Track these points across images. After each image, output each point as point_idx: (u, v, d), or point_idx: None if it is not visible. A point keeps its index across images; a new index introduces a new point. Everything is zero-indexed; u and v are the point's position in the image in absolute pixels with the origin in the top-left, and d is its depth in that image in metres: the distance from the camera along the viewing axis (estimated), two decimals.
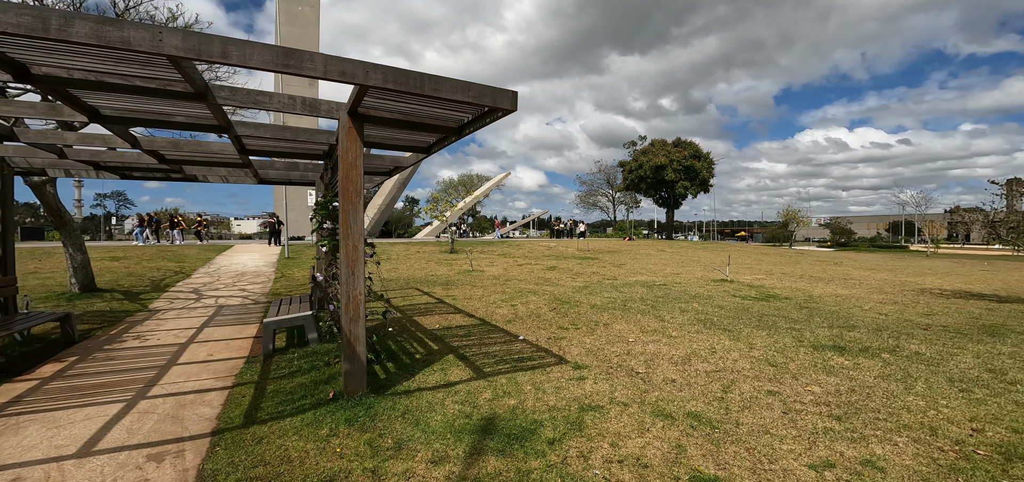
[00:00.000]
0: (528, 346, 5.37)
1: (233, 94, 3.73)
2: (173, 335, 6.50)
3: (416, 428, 3.33)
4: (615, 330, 6.12)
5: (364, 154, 6.45)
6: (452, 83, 3.11)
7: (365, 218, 40.16)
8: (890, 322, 6.96)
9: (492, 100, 3.24)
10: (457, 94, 3.12)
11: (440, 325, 6.51)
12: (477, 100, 3.20)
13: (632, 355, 4.95)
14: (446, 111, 3.84)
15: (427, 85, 3.03)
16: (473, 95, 3.17)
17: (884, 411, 3.52)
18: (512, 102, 3.29)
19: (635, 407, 3.60)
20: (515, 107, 3.30)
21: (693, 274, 13.31)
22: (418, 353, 5.18)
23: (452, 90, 3.11)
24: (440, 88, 3.08)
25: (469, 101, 3.18)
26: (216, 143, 5.75)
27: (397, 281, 11.38)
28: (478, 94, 3.19)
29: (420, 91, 3.01)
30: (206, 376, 4.80)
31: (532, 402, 3.74)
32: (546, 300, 8.47)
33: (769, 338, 5.71)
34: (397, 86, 2.98)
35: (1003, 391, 3.95)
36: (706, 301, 8.57)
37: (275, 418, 3.66)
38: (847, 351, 5.14)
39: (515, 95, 3.29)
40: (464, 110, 3.69)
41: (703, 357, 4.86)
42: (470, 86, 3.16)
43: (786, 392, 3.89)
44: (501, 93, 3.27)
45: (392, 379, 4.37)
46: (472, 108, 3.57)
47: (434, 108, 3.79)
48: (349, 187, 3.82)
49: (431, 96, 3.06)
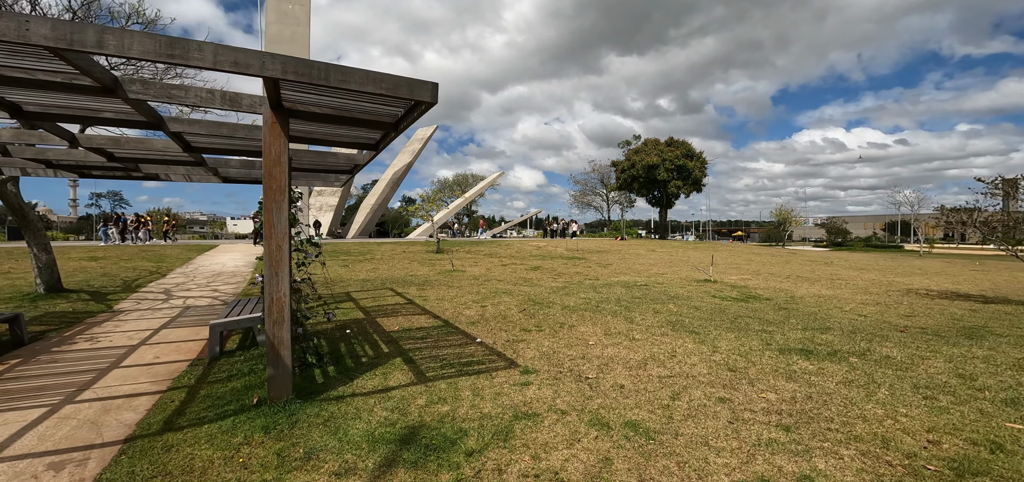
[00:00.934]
0: (482, 349, 5.14)
1: (145, 88, 3.51)
2: (127, 337, 6.28)
3: (333, 437, 3.12)
4: (578, 332, 5.90)
5: (317, 152, 6.25)
6: (361, 74, 2.90)
7: (357, 218, 40.01)
8: (867, 324, 6.74)
9: (409, 92, 3.02)
10: (367, 86, 2.90)
11: (400, 327, 6.29)
12: (391, 92, 2.98)
13: (587, 359, 4.72)
14: (374, 105, 3.62)
15: (333, 76, 2.82)
16: (386, 87, 2.95)
17: (838, 420, 3.30)
18: (432, 94, 3.07)
19: (573, 415, 3.38)
20: (435, 100, 3.08)
21: (678, 274, 13.09)
22: (366, 356, 4.96)
23: (362, 82, 2.89)
24: (347, 80, 2.86)
25: (382, 93, 2.96)
26: (160, 140, 5.53)
27: (374, 281, 11.16)
28: (392, 86, 2.97)
29: (325, 82, 2.80)
30: (144, 380, 4.59)
31: (466, 409, 3.52)
32: (519, 301, 8.25)
33: (736, 341, 5.48)
34: (299, 77, 2.76)
35: (969, 398, 3.73)
36: (683, 302, 8.35)
37: (195, 425, 3.45)
38: (814, 355, 4.91)
39: (434, 87, 3.07)
40: (387, 103, 3.47)
41: (661, 361, 4.63)
42: (383, 77, 2.94)
43: (738, 399, 3.66)
44: (419, 85, 3.05)
45: (330, 383, 4.16)
46: (392, 101, 3.34)
47: (361, 102, 3.58)
48: (272, 184, 3.61)
49: (338, 87, 2.84)
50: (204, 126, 4.57)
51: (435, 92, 3.07)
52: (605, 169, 42.91)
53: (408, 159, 42.50)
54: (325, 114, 3.90)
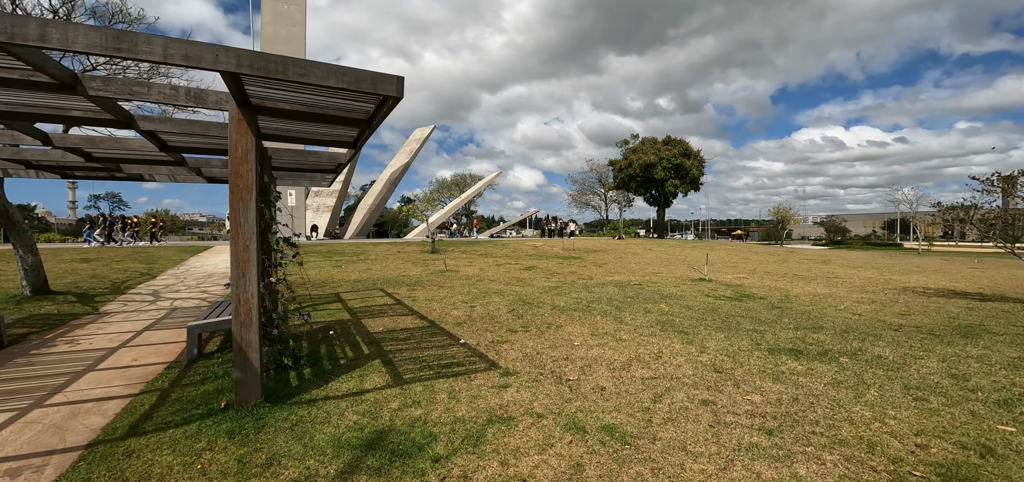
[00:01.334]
0: (465, 350, 5.03)
1: (106, 84, 3.41)
2: (108, 339, 6.18)
3: (298, 442, 3.01)
4: (565, 333, 5.78)
5: (298, 150, 6.13)
6: (323, 68, 2.78)
7: (355, 218, 39.91)
8: (861, 323, 6.62)
9: (373, 86, 2.91)
10: (329, 80, 2.79)
11: (385, 328, 6.17)
12: (354, 86, 2.87)
13: (570, 360, 4.61)
14: (344, 101, 3.51)
15: (291, 70, 2.70)
16: (349, 81, 2.84)
17: (824, 423, 3.18)
18: (397, 88, 2.95)
19: (549, 419, 3.26)
20: (400, 94, 2.97)
21: (673, 273, 12.97)
22: (346, 358, 4.85)
23: (323, 76, 2.77)
24: (307, 74, 2.75)
25: (345, 87, 2.84)
26: (137, 140, 5.42)
27: (365, 282, 11.05)
28: (355, 80, 2.85)
29: (283, 76, 2.68)
30: (118, 383, 4.48)
31: (439, 412, 3.40)
32: (509, 301, 8.13)
33: (726, 341, 5.37)
34: (256, 71, 2.65)
35: (961, 399, 3.61)
36: (676, 301, 8.23)
37: (161, 429, 3.35)
38: (804, 355, 4.79)
39: (400, 81, 2.96)
40: (355, 99, 3.36)
41: (646, 362, 4.52)
42: (345, 72, 2.83)
43: (722, 402, 3.54)
44: (384, 79, 2.93)
45: (304, 386, 4.05)
46: (359, 96, 3.23)
47: (330, 98, 3.47)
48: (239, 183, 3.49)
49: (299, 82, 2.73)
50: (176, 124, 4.46)
51: (400, 86, 2.96)
52: (603, 169, 42.77)
53: (405, 159, 42.39)
54: (296, 111, 3.79)
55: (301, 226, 28.99)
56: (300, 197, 28.43)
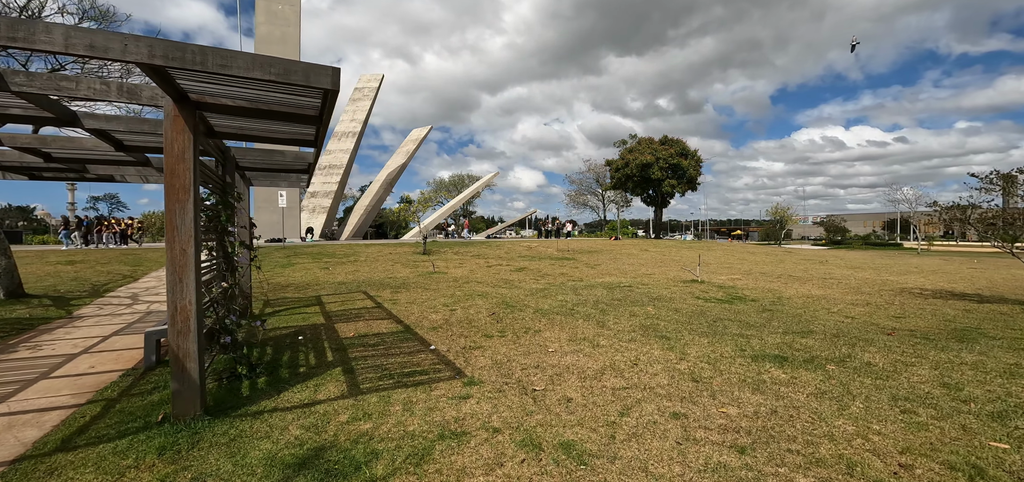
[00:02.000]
0: (433, 357, 4.79)
1: (30, 79, 3.18)
2: (73, 345, 5.95)
3: (230, 460, 2.77)
4: (542, 338, 5.54)
5: (263, 150, 5.90)
6: (246, 59, 2.56)
7: (351, 219, 39.70)
8: (854, 326, 6.37)
9: (305, 78, 2.68)
10: (254, 72, 2.57)
11: (357, 333, 5.94)
12: (284, 78, 2.64)
13: (541, 368, 4.37)
14: (290, 96, 3.28)
15: (210, 61, 2.48)
16: (276, 73, 2.61)
17: (802, 440, 2.94)
18: (332, 81, 2.72)
19: (506, 434, 3.02)
20: (336, 87, 2.74)
21: (666, 275, 12.72)
22: (307, 366, 4.61)
23: (247, 67, 2.55)
24: (229, 65, 2.52)
25: (272, 79, 2.61)
26: (91, 139, 5.19)
27: (351, 284, 10.81)
28: (283, 72, 2.62)
29: (202, 68, 2.46)
30: (66, 392, 4.26)
31: (389, 426, 3.17)
32: (492, 304, 7.89)
33: (709, 347, 5.12)
34: (170, 62, 2.42)
35: (952, 412, 3.36)
36: (664, 304, 7.98)
37: (92, 444, 3.13)
38: (789, 362, 4.54)
39: (335, 73, 2.72)
40: (295, 93, 3.13)
41: (620, 371, 4.27)
42: (272, 62, 2.60)
43: (695, 415, 3.30)
44: (317, 70, 2.70)
45: (255, 397, 3.81)
46: (294, 89, 2.99)
47: (274, 93, 3.24)
48: (175, 183, 3.27)
49: (218, 74, 2.51)
50: (123, 121, 4.23)
51: (336, 78, 2.72)
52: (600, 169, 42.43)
53: (402, 160, 42.21)
54: (241, 107, 3.56)
55: (296, 227, 28.77)
56: (293, 198, 28.18)
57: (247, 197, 7.04)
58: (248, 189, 7.07)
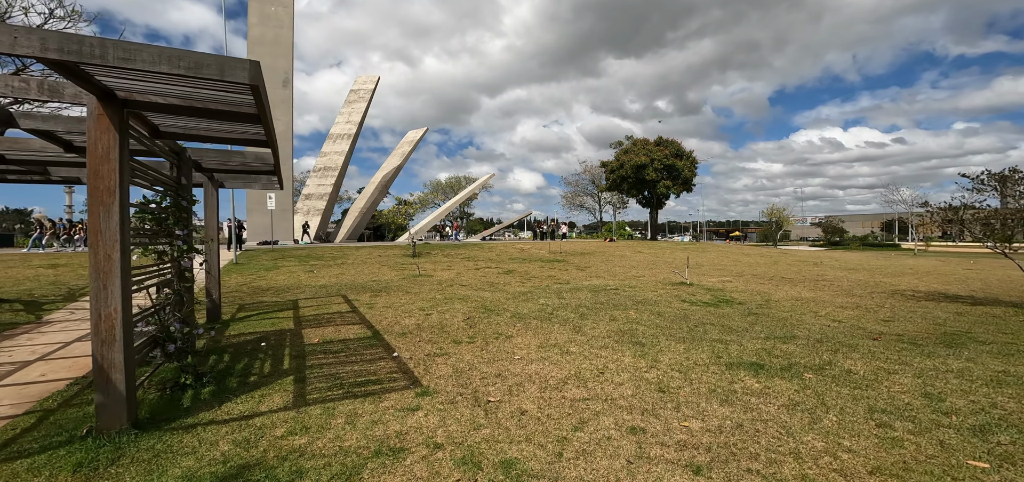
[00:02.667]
0: (392, 365, 4.57)
1: None
2: (32, 351, 5.74)
3: (145, 480, 2.56)
4: (511, 345, 5.32)
5: (221, 151, 5.69)
6: (152, 52, 2.36)
7: (346, 221, 39.49)
8: (839, 331, 6.15)
9: (219, 72, 2.47)
10: (161, 65, 2.37)
11: (322, 339, 5.72)
12: (194, 72, 2.44)
13: (503, 377, 4.15)
14: (221, 93, 3.07)
15: (111, 54, 2.28)
16: (186, 66, 2.41)
17: (765, 458, 2.72)
18: (251, 75, 2.51)
19: (446, 451, 2.80)
20: (255, 80, 2.53)
21: (656, 277, 12.50)
22: (259, 374, 4.39)
23: (152, 60, 2.35)
24: (132, 59, 2.33)
25: (182, 73, 2.41)
26: (37, 141, 4.98)
27: (332, 287, 10.59)
28: (195, 65, 2.42)
29: (102, 61, 2.26)
30: (7, 402, 4.06)
31: (325, 442, 2.95)
32: (470, 308, 7.67)
33: (684, 353, 4.90)
34: (67, 56, 2.21)
35: (931, 426, 3.14)
36: (648, 308, 7.76)
37: (12, 459, 2.96)
38: (765, 370, 4.32)
39: (253, 65, 2.52)
40: (220, 89, 2.92)
41: (584, 380, 4.05)
42: (181, 55, 2.40)
43: (653, 429, 3.08)
44: (232, 64, 2.50)
45: (195, 408, 3.60)
46: (211, 84, 2.78)
47: (200, 89, 3.04)
48: (99, 185, 3.06)
49: (122, 68, 2.30)
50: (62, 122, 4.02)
51: (255, 72, 2.51)
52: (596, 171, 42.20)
53: (398, 162, 42.01)
54: (176, 106, 3.37)
55: (289, 230, 28.54)
56: (285, 200, 27.98)
57: (215, 199, 6.83)
58: (216, 191, 6.85)
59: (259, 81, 2.56)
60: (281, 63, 29.05)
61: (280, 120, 29.15)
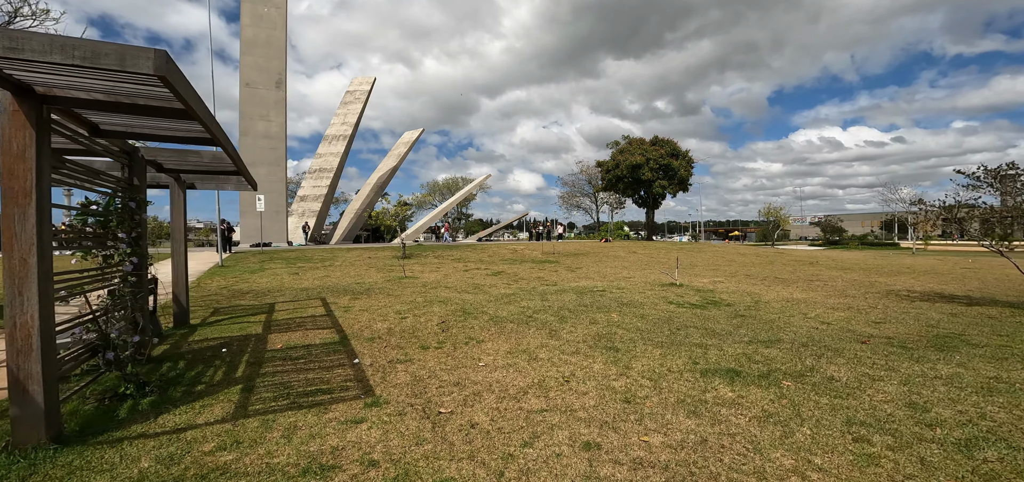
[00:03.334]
0: (349, 373, 4.34)
1: None
2: None
3: None
4: (479, 350, 5.09)
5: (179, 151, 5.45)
6: (42, 40, 2.15)
7: (342, 223, 39.29)
8: (827, 333, 5.90)
9: (120, 63, 2.25)
10: (53, 55, 2.14)
11: (286, 344, 5.49)
12: (91, 63, 2.23)
13: (461, 386, 3.91)
14: (142, 86, 2.85)
15: None
16: (82, 56, 2.20)
17: (726, 477, 2.48)
18: (156, 65, 2.28)
19: (382, 468, 2.57)
20: (161, 72, 2.30)
21: (646, 278, 12.25)
22: (207, 383, 4.16)
23: (43, 50, 2.13)
24: (20, 49, 2.10)
25: (77, 64, 2.21)
26: None
27: (314, 290, 10.37)
28: (91, 55, 2.21)
29: None
30: None
31: (254, 458, 2.73)
32: (448, 311, 7.44)
33: (660, 359, 4.66)
34: None
35: (913, 440, 2.90)
36: (633, 310, 7.52)
37: None
38: (743, 377, 4.08)
39: (160, 56, 2.28)
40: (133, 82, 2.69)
41: (546, 389, 3.82)
42: (77, 44, 2.19)
43: (610, 445, 2.84)
44: (135, 54, 2.28)
45: (130, 419, 3.38)
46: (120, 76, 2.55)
47: (121, 84, 2.81)
48: (13, 185, 2.84)
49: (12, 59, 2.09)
50: None
51: (160, 63, 2.29)
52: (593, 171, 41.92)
53: (393, 163, 41.80)
54: (100, 101, 3.15)
55: (282, 231, 28.33)
56: (278, 202, 27.79)
57: (181, 201, 6.61)
58: (183, 193, 6.63)
59: (167, 72, 2.34)
60: (274, 64, 28.87)
61: (274, 121, 28.97)
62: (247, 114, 27.50)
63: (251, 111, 27.60)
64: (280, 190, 28.10)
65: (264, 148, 27.58)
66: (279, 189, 28.05)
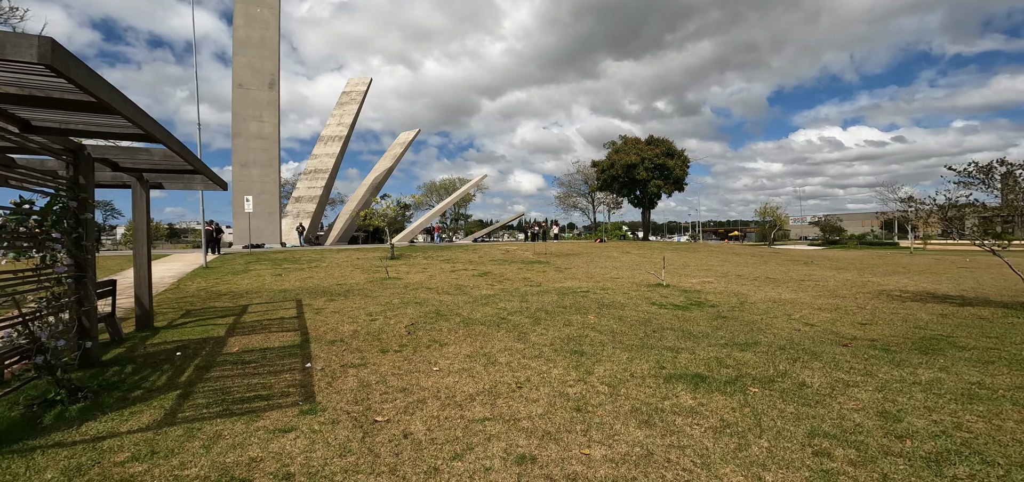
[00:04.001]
0: (298, 377, 4.13)
1: None
2: None
3: None
4: (438, 354, 4.88)
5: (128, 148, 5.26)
6: None
7: (336, 224, 39.14)
8: (808, 336, 5.67)
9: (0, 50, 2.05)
10: None
11: (243, 347, 5.29)
12: None
13: (407, 392, 3.70)
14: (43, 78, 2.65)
15: None
16: None
17: None
18: (40, 54, 2.08)
19: None
20: (46, 60, 2.10)
21: (633, 279, 12.02)
22: (146, 389, 3.96)
23: None
24: None
25: None
26: None
27: (293, 291, 10.18)
28: None
29: None
30: None
31: (164, 471, 2.53)
32: (421, 313, 7.24)
33: (626, 363, 4.44)
34: None
35: (878, 454, 2.68)
36: (612, 311, 7.30)
37: None
38: (708, 383, 3.86)
39: (46, 43, 2.08)
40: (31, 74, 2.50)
41: (496, 396, 3.60)
42: None
43: (547, 459, 2.63)
44: (16, 41, 2.07)
45: (54, 427, 3.21)
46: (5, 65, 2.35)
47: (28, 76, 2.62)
48: None
49: None
50: None
51: (44, 51, 2.08)
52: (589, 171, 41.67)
53: (389, 164, 41.64)
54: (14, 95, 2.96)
55: (275, 232, 28.17)
56: (271, 203, 27.62)
57: (144, 201, 6.42)
58: (146, 192, 6.44)
59: (54, 60, 2.14)
60: (268, 65, 28.74)
61: (267, 122, 28.82)
62: (240, 115, 27.35)
63: (244, 112, 27.46)
64: (273, 191, 27.93)
65: (257, 149, 27.45)
66: (272, 190, 27.89)
